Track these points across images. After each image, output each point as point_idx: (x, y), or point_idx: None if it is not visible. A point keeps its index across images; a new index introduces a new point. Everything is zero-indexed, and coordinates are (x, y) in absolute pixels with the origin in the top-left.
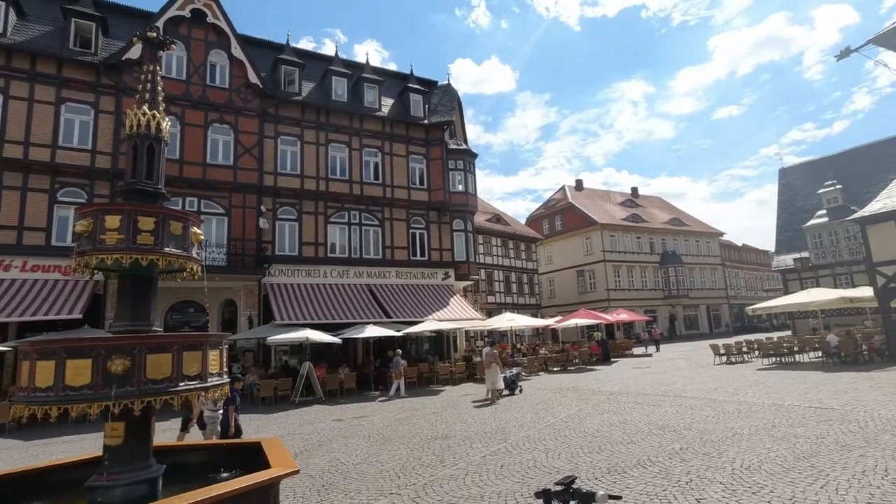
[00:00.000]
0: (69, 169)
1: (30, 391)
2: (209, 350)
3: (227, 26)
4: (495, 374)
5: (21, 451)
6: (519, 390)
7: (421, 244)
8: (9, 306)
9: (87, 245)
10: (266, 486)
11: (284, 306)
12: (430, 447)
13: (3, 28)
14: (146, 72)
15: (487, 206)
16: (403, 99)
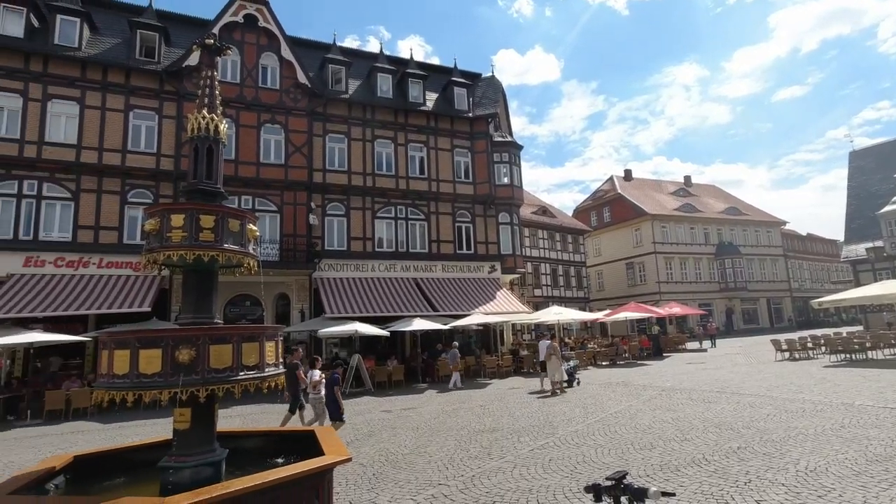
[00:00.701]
0: (137, 171)
1: (109, 377)
2: (266, 342)
3: (277, 29)
4: (556, 366)
5: (101, 432)
6: (577, 382)
7: (467, 238)
8: (88, 300)
9: (156, 243)
10: (321, 473)
11: (334, 300)
12: (478, 439)
13: (79, 42)
14: (204, 77)
15: (533, 199)
16: (447, 93)
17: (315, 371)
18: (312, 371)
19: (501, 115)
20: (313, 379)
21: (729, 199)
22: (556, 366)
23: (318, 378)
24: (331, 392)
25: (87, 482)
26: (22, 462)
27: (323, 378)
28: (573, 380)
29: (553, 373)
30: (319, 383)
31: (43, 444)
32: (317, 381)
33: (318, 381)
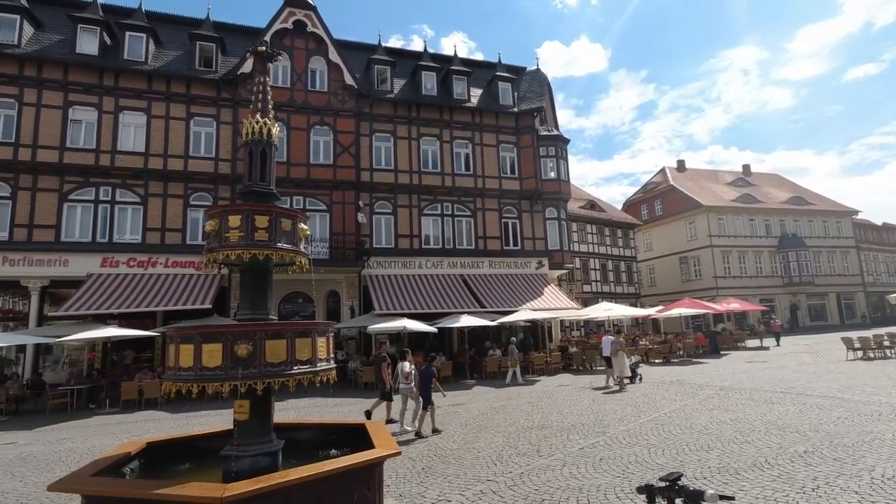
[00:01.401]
0: (198, 175)
1: (176, 370)
2: (318, 337)
3: (325, 33)
4: (622, 362)
5: (170, 421)
6: (639, 378)
7: (513, 233)
8: (156, 297)
9: (215, 243)
10: (372, 465)
11: (383, 297)
12: (526, 437)
13: (145, 56)
14: (257, 83)
15: (581, 193)
16: (492, 88)
17: (405, 363)
18: (402, 363)
19: (547, 109)
20: (404, 370)
21: (792, 189)
22: (622, 362)
23: (409, 369)
24: (427, 382)
25: (157, 467)
26: (102, 447)
27: (413, 369)
28: (635, 376)
29: (620, 369)
30: (410, 374)
31: (120, 430)
32: (407, 372)
33: (408, 372)
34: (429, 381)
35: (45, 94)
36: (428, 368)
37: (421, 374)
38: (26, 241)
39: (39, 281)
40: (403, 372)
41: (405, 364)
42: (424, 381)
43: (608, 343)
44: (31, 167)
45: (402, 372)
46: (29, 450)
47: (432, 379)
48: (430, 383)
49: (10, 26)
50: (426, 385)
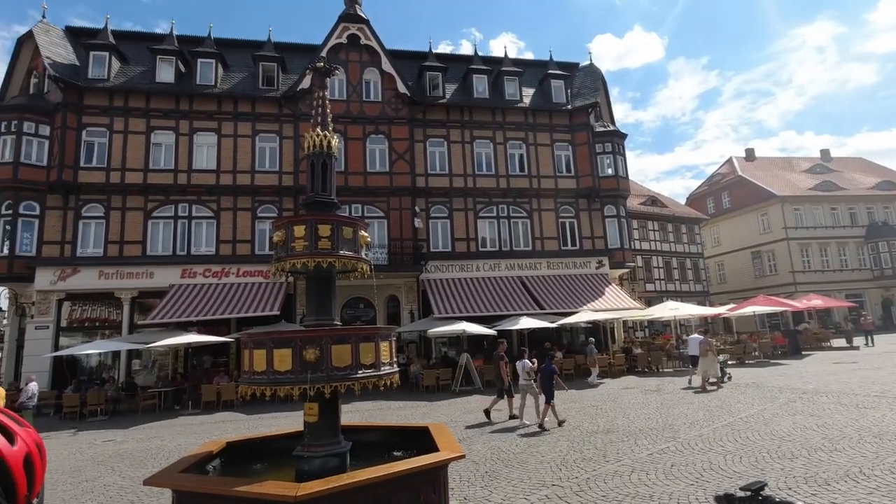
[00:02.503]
0: (264, 189)
1: (251, 374)
2: (381, 342)
3: (378, 45)
4: (711, 362)
5: (245, 422)
6: (728, 377)
7: (571, 233)
8: (229, 305)
9: (282, 252)
10: (437, 468)
11: (441, 300)
12: (591, 441)
13: (215, 80)
14: (317, 97)
15: (641, 189)
16: (544, 87)
17: (525, 360)
18: (523, 360)
19: (602, 104)
20: (526, 367)
21: (881, 172)
22: (711, 361)
23: (531, 366)
24: (548, 379)
25: (236, 465)
26: (187, 445)
27: (533, 367)
28: (724, 375)
29: (708, 368)
30: (531, 371)
31: (201, 430)
32: (531, 369)
33: (531, 369)
34: (550, 377)
35: (131, 121)
36: (549, 365)
37: (542, 371)
38: (118, 257)
39: (130, 292)
40: (526, 369)
41: (526, 361)
42: (546, 378)
43: (695, 342)
44: (120, 189)
45: (524, 369)
46: (125, 447)
47: (553, 375)
48: (552, 379)
49: (101, 63)
50: (548, 381)
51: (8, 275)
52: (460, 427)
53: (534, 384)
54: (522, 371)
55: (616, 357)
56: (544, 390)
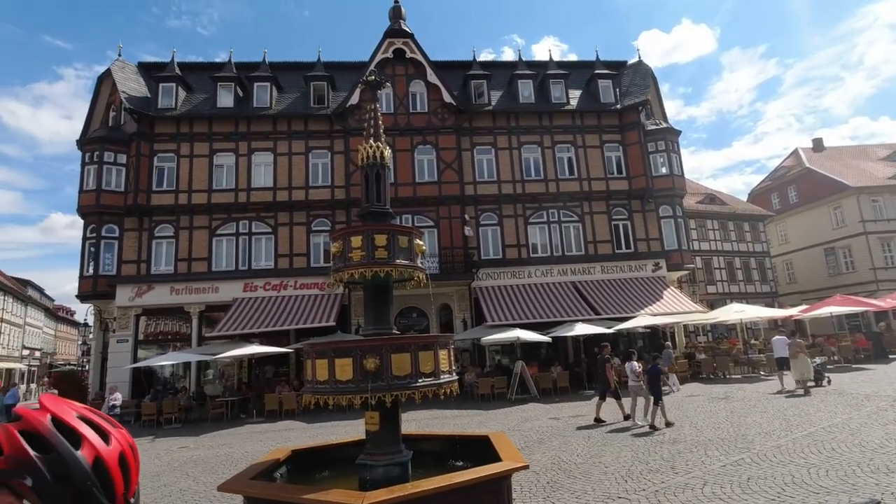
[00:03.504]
0: (317, 203)
1: (314, 383)
2: (439, 350)
3: (423, 57)
4: (804, 364)
5: (306, 430)
6: (827, 381)
7: (625, 236)
8: (288, 317)
9: (340, 263)
10: (500, 478)
11: (494, 308)
12: (657, 451)
13: (270, 102)
14: (369, 110)
15: (698, 187)
16: (591, 87)
17: (633, 362)
18: (631, 362)
19: (653, 101)
20: (635, 370)
21: None
22: (804, 363)
23: (639, 369)
24: (655, 380)
25: (302, 472)
26: (254, 452)
27: (641, 368)
28: (822, 378)
29: (801, 371)
30: (640, 373)
31: (266, 437)
32: (639, 372)
33: (639, 372)
34: (657, 378)
35: (195, 145)
36: (655, 367)
37: (649, 373)
38: (187, 273)
39: (198, 306)
40: (635, 371)
41: (634, 363)
42: (653, 379)
43: (781, 344)
44: (188, 209)
45: (632, 371)
46: (197, 453)
47: (659, 376)
48: (659, 380)
49: (169, 93)
50: (655, 382)
51: (93, 293)
52: (518, 436)
53: (643, 385)
54: (631, 373)
55: (678, 363)
56: (652, 391)
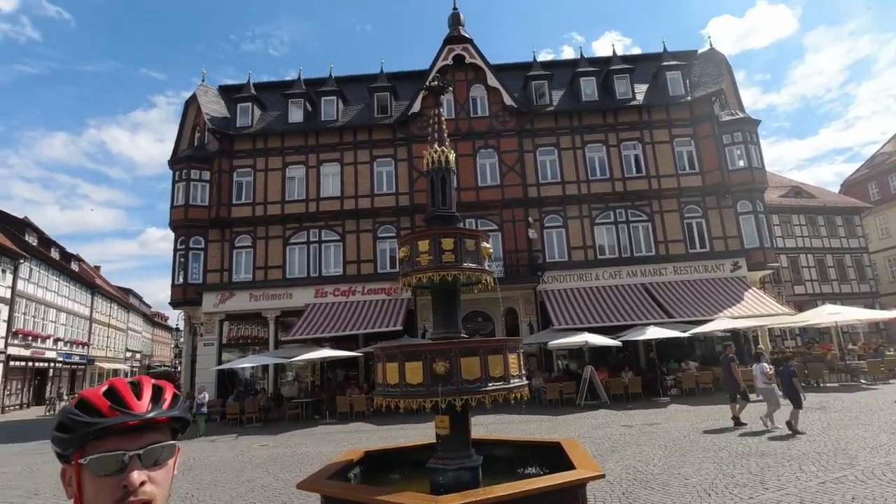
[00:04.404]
0: (383, 210)
1: (384, 386)
2: (508, 353)
3: (482, 62)
4: None
5: (376, 432)
6: None
7: (699, 234)
8: (357, 322)
9: (408, 267)
10: (575, 487)
11: (560, 311)
12: (744, 464)
13: (336, 115)
14: (433, 115)
15: (780, 180)
16: (659, 80)
17: (763, 363)
18: (761, 363)
19: (728, 91)
20: (766, 371)
21: None
22: None
23: (770, 370)
24: (790, 382)
25: (374, 473)
26: (328, 452)
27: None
28: None
29: None
30: (772, 374)
31: (339, 438)
32: (770, 374)
33: (770, 374)
34: (790, 379)
35: (269, 160)
36: (787, 368)
37: (782, 375)
38: (263, 280)
39: (274, 312)
40: (766, 373)
41: (765, 364)
42: (787, 381)
43: None
44: (263, 220)
45: (763, 373)
46: (276, 451)
47: (792, 377)
48: (794, 383)
49: (246, 112)
50: (790, 384)
51: (183, 300)
52: (589, 443)
53: (775, 388)
54: (762, 375)
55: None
56: (789, 395)
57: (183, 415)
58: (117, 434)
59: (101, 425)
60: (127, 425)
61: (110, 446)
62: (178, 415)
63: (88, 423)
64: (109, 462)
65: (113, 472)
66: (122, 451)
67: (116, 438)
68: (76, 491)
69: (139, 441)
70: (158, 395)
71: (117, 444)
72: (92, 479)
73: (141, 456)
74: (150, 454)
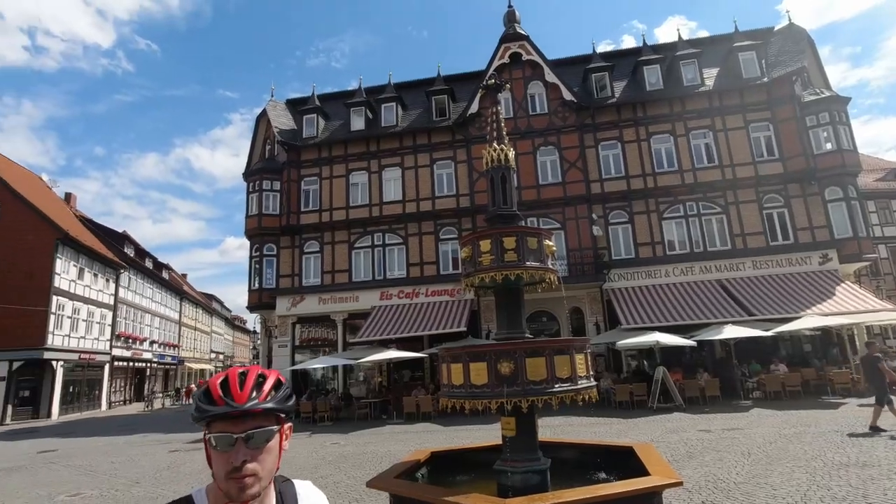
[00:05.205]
0: (444, 212)
1: (450, 387)
2: (575, 354)
3: (540, 58)
4: None
5: (442, 433)
6: None
7: (781, 225)
8: (421, 323)
9: (470, 268)
10: (651, 494)
11: (629, 310)
12: (842, 475)
13: (396, 121)
14: (491, 114)
15: (877, 162)
16: (730, 63)
17: None
18: None
19: (811, 69)
20: None
21: None
22: None
23: None
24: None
25: (441, 474)
26: (395, 451)
27: None
28: None
29: None
30: None
31: (405, 438)
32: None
33: None
34: None
35: (334, 167)
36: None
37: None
38: (331, 284)
39: (341, 314)
40: None
41: None
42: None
43: None
44: (330, 226)
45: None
46: (346, 449)
47: None
48: None
49: (311, 124)
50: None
51: (258, 304)
52: (663, 448)
53: None
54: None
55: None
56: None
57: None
58: (224, 420)
59: (211, 413)
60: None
61: (222, 428)
62: (270, 407)
63: (204, 410)
64: (222, 441)
65: (225, 449)
66: (230, 434)
67: (225, 423)
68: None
69: (243, 426)
70: (260, 385)
71: (227, 428)
72: (212, 452)
73: (244, 439)
74: (252, 437)
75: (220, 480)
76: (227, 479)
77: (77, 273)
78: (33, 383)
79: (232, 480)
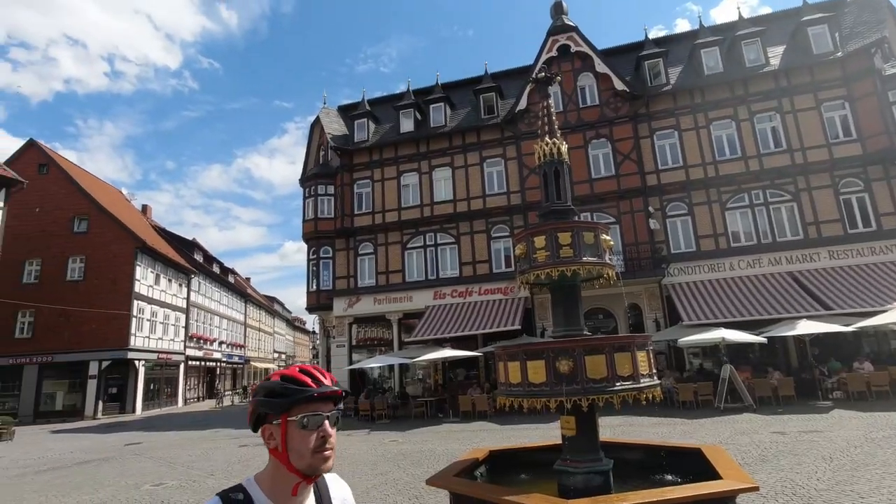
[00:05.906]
0: (495, 210)
1: (507, 386)
2: (637, 351)
3: (589, 48)
4: None
5: (499, 432)
6: None
7: (862, 211)
8: (475, 322)
9: (525, 265)
10: (723, 499)
11: (690, 306)
12: None
13: (444, 121)
14: (542, 108)
15: None
16: (798, 39)
17: None
18: None
19: (894, 38)
20: None
21: None
22: None
23: None
24: None
25: (499, 473)
26: (453, 450)
27: None
28: None
29: None
30: None
31: (462, 437)
32: None
33: None
34: None
35: (385, 170)
36: None
37: None
38: (385, 285)
39: (396, 314)
40: None
41: None
42: None
43: None
44: (382, 227)
45: None
46: (404, 447)
47: None
48: None
49: (362, 128)
50: None
51: (316, 305)
52: (733, 450)
53: None
54: None
55: None
56: None
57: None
58: (315, 401)
59: (311, 392)
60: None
61: (313, 409)
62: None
63: (301, 391)
64: (314, 420)
65: (316, 427)
66: (321, 414)
67: (315, 404)
68: (280, 442)
69: (326, 407)
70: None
71: (317, 408)
72: (299, 432)
73: (329, 418)
74: (333, 417)
75: (305, 457)
76: (313, 455)
77: (154, 279)
78: (119, 381)
79: (318, 455)
